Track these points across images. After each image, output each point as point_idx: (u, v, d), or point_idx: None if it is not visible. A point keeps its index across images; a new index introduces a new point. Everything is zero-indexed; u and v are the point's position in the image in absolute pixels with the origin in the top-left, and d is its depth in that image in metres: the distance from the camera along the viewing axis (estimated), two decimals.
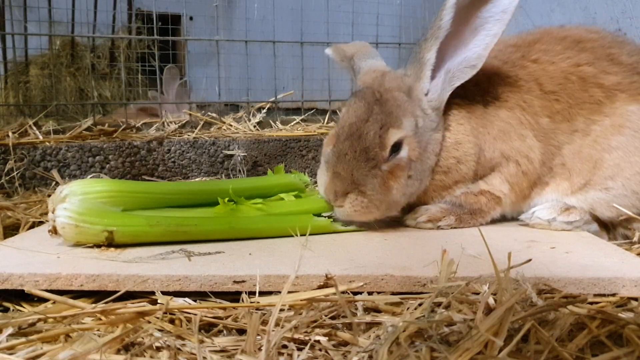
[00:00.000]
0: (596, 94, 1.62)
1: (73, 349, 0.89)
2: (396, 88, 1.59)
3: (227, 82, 4.80)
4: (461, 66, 1.57)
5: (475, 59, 1.55)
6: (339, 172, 1.49)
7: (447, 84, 1.59)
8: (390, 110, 1.53)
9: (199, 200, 1.60)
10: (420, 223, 1.63)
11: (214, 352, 0.92)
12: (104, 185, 1.43)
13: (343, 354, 0.92)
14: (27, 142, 2.33)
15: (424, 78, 1.59)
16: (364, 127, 1.51)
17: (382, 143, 1.50)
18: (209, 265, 1.22)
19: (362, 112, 1.54)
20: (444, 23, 1.51)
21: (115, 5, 5.40)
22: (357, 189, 1.48)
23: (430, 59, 1.56)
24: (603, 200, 1.61)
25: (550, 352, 0.85)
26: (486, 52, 1.55)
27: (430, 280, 1.17)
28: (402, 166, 1.52)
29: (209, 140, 2.60)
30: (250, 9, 4.30)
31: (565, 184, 1.66)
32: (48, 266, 1.19)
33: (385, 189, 1.50)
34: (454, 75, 1.58)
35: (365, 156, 1.49)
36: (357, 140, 1.50)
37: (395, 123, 1.51)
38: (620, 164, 1.59)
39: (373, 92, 1.58)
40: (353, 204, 1.49)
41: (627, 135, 1.59)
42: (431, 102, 1.60)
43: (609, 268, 1.24)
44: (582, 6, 3.05)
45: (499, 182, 1.65)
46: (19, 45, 4.64)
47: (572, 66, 1.66)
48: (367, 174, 1.48)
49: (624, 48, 1.71)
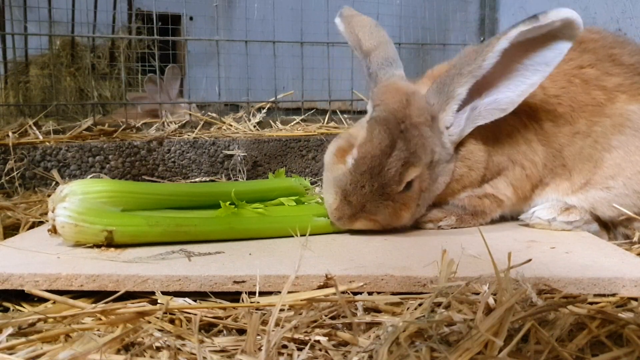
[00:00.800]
0: (598, 97, 1.62)
1: (73, 349, 0.89)
2: (422, 122, 1.52)
3: (227, 82, 4.80)
4: (490, 107, 1.55)
5: (507, 103, 1.54)
6: (351, 201, 1.48)
7: (471, 122, 1.57)
8: (415, 150, 1.48)
9: (199, 202, 1.61)
10: (420, 223, 1.63)
11: (214, 352, 0.92)
12: (104, 185, 1.43)
13: (343, 354, 0.92)
14: (27, 142, 2.32)
15: (449, 112, 1.55)
16: (386, 163, 1.47)
17: (400, 180, 1.48)
18: (209, 266, 1.22)
19: (385, 146, 1.47)
20: (486, 64, 1.48)
21: (115, 5, 5.40)
22: (368, 217, 1.50)
23: (461, 94, 1.53)
24: (604, 200, 1.61)
25: (550, 352, 0.85)
26: (520, 100, 1.53)
27: (430, 280, 1.17)
28: (413, 198, 1.52)
29: (209, 140, 2.60)
30: (250, 9, 4.30)
31: (565, 184, 1.66)
32: (48, 266, 1.19)
33: (395, 217, 1.52)
34: (479, 114, 1.56)
35: (381, 191, 1.47)
36: (377, 175, 1.46)
37: (416, 162, 1.49)
38: (621, 164, 1.59)
39: (398, 122, 1.50)
40: (364, 226, 1.52)
41: (627, 135, 1.59)
42: (452, 136, 1.58)
43: (609, 268, 1.24)
44: (582, 6, 3.04)
45: (504, 186, 1.65)
46: (19, 45, 4.64)
47: (575, 68, 1.65)
48: (380, 205, 1.49)
49: (625, 48, 1.71)
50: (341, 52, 3.34)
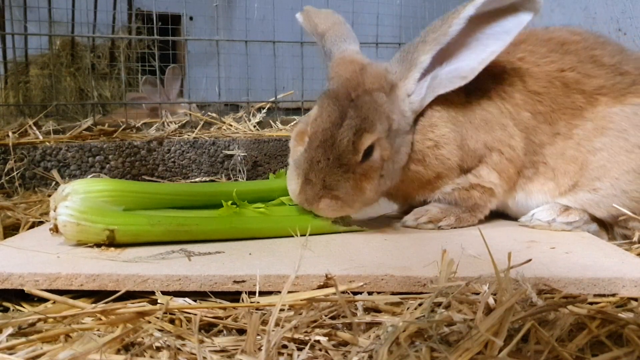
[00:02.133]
0: (577, 100, 1.63)
1: (73, 349, 0.89)
2: (376, 88, 1.52)
3: (227, 82, 4.80)
4: (451, 75, 1.56)
5: (468, 71, 1.54)
6: (311, 179, 1.47)
7: (432, 90, 1.57)
8: (366, 115, 1.47)
9: (200, 202, 1.61)
10: (421, 224, 1.64)
11: (214, 352, 0.92)
12: (105, 184, 1.43)
13: (343, 354, 0.92)
14: (27, 142, 2.33)
15: (411, 79, 1.55)
16: (337, 134, 1.46)
17: (355, 149, 1.46)
18: (209, 265, 1.22)
19: (335, 117, 1.48)
20: (452, 31, 1.49)
21: (115, 5, 5.39)
22: (330, 194, 1.47)
23: (425, 62, 1.53)
24: (592, 201, 1.62)
25: (550, 352, 0.85)
26: (480, 67, 1.54)
27: (430, 280, 1.17)
28: (375, 167, 1.49)
29: (209, 140, 2.60)
30: (250, 9, 4.30)
31: (550, 184, 1.66)
32: (48, 266, 1.19)
33: (358, 190, 1.49)
34: (441, 82, 1.56)
35: (338, 163, 1.45)
36: (330, 147, 1.45)
37: (369, 127, 1.46)
38: (606, 165, 1.59)
39: (348, 93, 1.51)
40: (328, 206, 1.48)
41: (610, 136, 1.59)
42: (413, 104, 1.57)
43: (609, 268, 1.24)
44: (582, 6, 3.05)
45: (487, 173, 1.64)
46: (19, 45, 4.64)
47: (557, 71, 1.66)
48: (340, 178, 1.46)
49: (606, 49, 1.72)
50: None
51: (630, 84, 1.64)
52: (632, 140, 1.58)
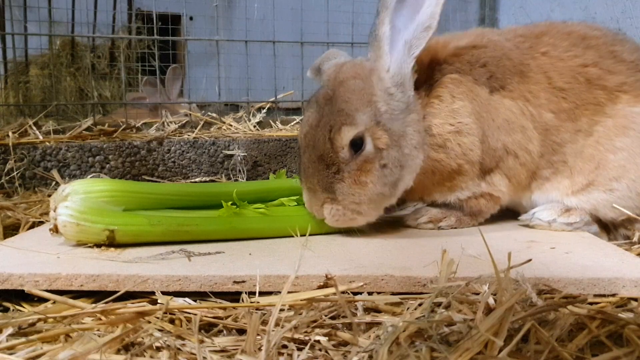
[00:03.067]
0: (599, 96, 1.62)
1: (73, 349, 0.89)
2: (351, 76, 1.49)
3: (227, 82, 4.80)
4: (417, 31, 1.49)
5: (429, 18, 1.48)
6: (310, 186, 1.46)
7: (407, 56, 1.51)
8: (340, 108, 1.43)
9: (200, 202, 1.61)
10: (421, 224, 1.64)
11: (214, 352, 0.92)
12: (105, 184, 1.43)
13: (343, 354, 0.92)
14: (27, 142, 2.33)
15: (384, 55, 1.49)
16: (315, 134, 1.44)
17: (334, 146, 1.42)
18: (209, 266, 1.22)
19: (313, 119, 1.47)
20: None
21: (115, 5, 5.39)
22: (329, 199, 1.44)
23: (386, 32, 1.48)
24: (607, 201, 1.60)
25: (550, 352, 0.85)
26: (438, 9, 1.47)
27: (430, 280, 1.17)
28: (370, 159, 1.44)
29: (209, 140, 2.60)
30: (250, 9, 4.29)
31: (566, 182, 1.64)
32: (48, 266, 1.19)
33: (358, 186, 1.43)
34: (411, 43, 1.50)
35: (323, 164, 1.43)
36: (312, 150, 1.44)
37: (347, 120, 1.42)
38: (626, 166, 1.58)
39: (326, 91, 1.49)
40: (331, 214, 1.45)
41: (632, 137, 1.58)
42: (394, 76, 1.49)
43: (609, 268, 1.24)
44: (582, 6, 3.05)
45: (499, 180, 1.62)
46: (19, 45, 4.63)
47: (580, 66, 1.64)
48: (332, 180, 1.43)
49: (625, 45, 1.71)
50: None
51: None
52: None
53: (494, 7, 3.99)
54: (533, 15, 3.56)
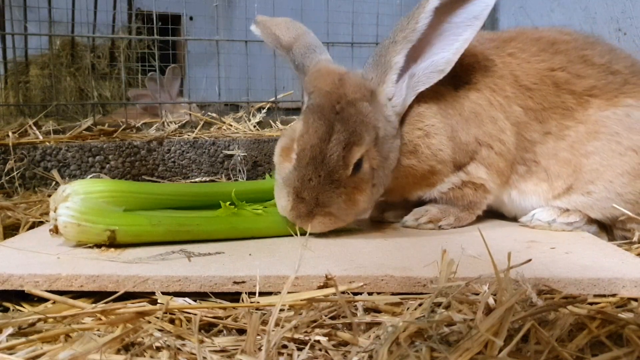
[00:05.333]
0: (568, 101, 1.62)
1: (73, 349, 0.89)
2: (359, 98, 1.48)
3: (227, 82, 4.80)
4: (428, 71, 1.54)
5: (444, 63, 1.53)
6: (304, 197, 1.43)
7: (412, 89, 1.55)
8: (354, 129, 1.44)
9: (200, 202, 1.61)
10: (421, 224, 1.64)
11: (214, 352, 0.92)
12: (106, 185, 1.43)
13: (343, 354, 0.92)
14: (27, 142, 2.33)
15: (389, 83, 1.52)
16: (326, 150, 1.43)
17: (345, 163, 1.44)
18: (209, 266, 1.22)
19: (323, 132, 1.44)
20: (420, 27, 1.48)
21: (115, 5, 5.39)
22: (322, 211, 1.44)
23: (399, 62, 1.51)
24: (587, 204, 1.62)
25: (550, 352, 0.85)
26: (455, 57, 1.53)
27: (430, 280, 1.17)
28: (365, 179, 1.48)
29: (209, 140, 2.61)
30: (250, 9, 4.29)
31: (544, 185, 1.65)
32: (48, 267, 1.19)
33: (351, 203, 1.47)
34: (419, 80, 1.54)
35: (329, 179, 1.43)
36: (320, 164, 1.43)
37: (358, 140, 1.44)
38: (599, 169, 1.58)
39: (332, 106, 1.47)
40: (322, 223, 1.46)
41: (603, 140, 1.59)
42: (395, 107, 1.54)
43: (609, 268, 1.24)
44: (582, 6, 3.05)
45: (474, 168, 1.63)
46: (19, 45, 4.63)
47: (547, 70, 1.65)
48: (332, 194, 1.44)
49: (595, 49, 1.71)
50: (341, 52, 3.34)
51: (622, 83, 1.63)
52: (625, 143, 1.57)
53: (494, 7, 3.99)
54: (533, 15, 3.56)
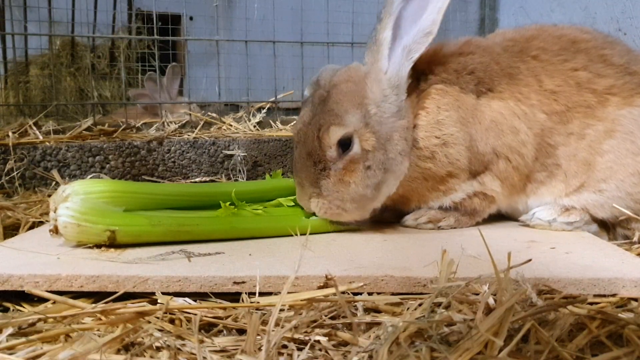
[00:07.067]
0: (589, 99, 1.62)
1: (73, 349, 0.89)
2: (344, 80, 1.55)
3: (227, 82, 4.80)
4: (417, 37, 1.52)
5: (430, 25, 1.52)
6: (299, 181, 1.54)
7: (405, 60, 1.54)
8: (331, 108, 1.50)
9: (200, 202, 1.61)
10: (421, 224, 1.64)
11: (214, 352, 0.92)
12: (106, 185, 1.43)
13: (343, 354, 0.92)
14: (27, 142, 2.32)
15: (382, 59, 1.53)
16: (307, 131, 1.52)
17: (322, 144, 1.48)
18: (209, 266, 1.22)
19: (307, 117, 1.55)
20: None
21: (115, 5, 5.39)
22: (315, 193, 1.51)
23: (387, 37, 1.51)
24: (597, 202, 1.62)
25: (550, 352, 0.85)
26: (440, 16, 1.51)
27: (430, 280, 1.17)
28: (355, 159, 1.49)
29: (209, 140, 2.60)
30: (250, 9, 4.30)
31: (560, 185, 1.65)
32: (48, 267, 1.19)
33: (342, 185, 1.50)
34: (410, 48, 1.53)
35: (311, 160, 1.50)
36: (303, 146, 1.52)
37: (336, 120, 1.48)
38: (613, 167, 1.59)
39: (321, 92, 1.56)
40: (318, 206, 1.52)
41: (618, 139, 1.59)
42: (391, 79, 1.54)
43: (609, 268, 1.24)
44: (582, 6, 3.05)
45: (490, 180, 1.63)
46: (19, 45, 4.63)
47: (570, 70, 1.65)
48: (318, 176, 1.50)
49: (615, 49, 1.71)
50: (341, 52, 3.34)
51: (639, 84, 1.64)
52: (639, 143, 1.58)
53: (494, 7, 3.99)
54: (533, 15, 3.56)
